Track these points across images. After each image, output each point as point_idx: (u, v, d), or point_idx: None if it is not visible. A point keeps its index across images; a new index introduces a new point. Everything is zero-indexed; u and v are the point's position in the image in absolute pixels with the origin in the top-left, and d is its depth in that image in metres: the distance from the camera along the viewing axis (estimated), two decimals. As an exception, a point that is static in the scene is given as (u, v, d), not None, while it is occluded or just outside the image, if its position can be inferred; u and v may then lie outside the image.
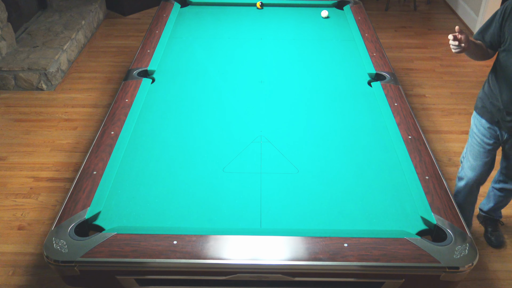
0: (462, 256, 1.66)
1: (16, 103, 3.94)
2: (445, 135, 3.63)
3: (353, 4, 3.77)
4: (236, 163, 2.16)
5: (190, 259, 1.66)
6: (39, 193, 3.05)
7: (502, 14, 2.17)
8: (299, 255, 1.68)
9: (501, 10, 2.19)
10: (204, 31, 3.38)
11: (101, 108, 3.89)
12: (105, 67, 4.51)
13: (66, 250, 1.67)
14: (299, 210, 1.92)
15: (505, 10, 2.16)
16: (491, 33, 2.23)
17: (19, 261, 2.61)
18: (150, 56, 2.96)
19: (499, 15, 2.19)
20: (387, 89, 2.65)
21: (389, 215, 1.89)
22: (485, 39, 2.27)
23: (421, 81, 4.34)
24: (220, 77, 2.86)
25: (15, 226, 2.83)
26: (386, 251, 1.68)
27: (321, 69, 2.95)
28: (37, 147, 3.45)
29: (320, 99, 2.65)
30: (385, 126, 2.39)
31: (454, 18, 5.63)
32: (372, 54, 3.04)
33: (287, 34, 3.38)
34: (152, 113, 2.50)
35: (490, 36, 2.24)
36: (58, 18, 4.86)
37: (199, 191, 2.00)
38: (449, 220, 1.81)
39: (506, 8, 2.16)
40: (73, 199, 1.90)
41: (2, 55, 4.12)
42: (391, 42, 5.04)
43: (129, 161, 2.15)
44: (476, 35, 2.33)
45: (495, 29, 2.21)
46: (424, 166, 2.09)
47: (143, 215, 1.88)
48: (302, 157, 2.20)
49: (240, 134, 2.35)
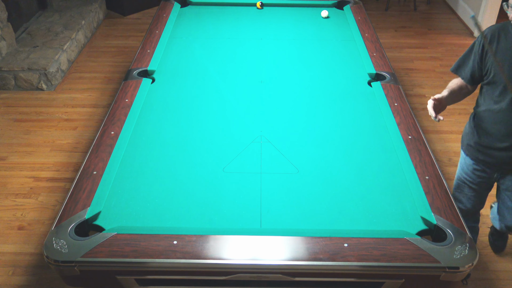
0: (462, 256, 1.66)
1: (16, 103, 3.94)
2: (445, 135, 3.63)
3: (353, 4, 3.77)
4: (236, 163, 2.16)
5: (190, 259, 1.66)
6: (39, 193, 3.05)
7: (480, 45, 1.97)
8: (299, 255, 1.68)
9: (479, 40, 1.99)
10: (204, 31, 3.38)
11: (101, 108, 3.89)
12: (105, 67, 4.50)
13: (66, 250, 1.67)
14: (299, 210, 1.92)
15: (485, 37, 1.97)
16: (471, 66, 2.03)
17: (19, 261, 2.61)
18: (150, 56, 2.96)
19: (477, 45, 1.99)
20: (387, 89, 2.65)
21: (389, 215, 1.89)
22: (464, 74, 2.08)
23: (421, 81, 4.34)
24: (220, 77, 2.86)
25: (15, 226, 2.82)
26: (386, 251, 1.68)
27: (321, 69, 2.95)
28: (37, 147, 3.45)
29: (320, 99, 2.65)
30: (385, 126, 2.39)
31: (454, 18, 5.63)
32: (372, 54, 3.04)
33: (287, 34, 3.38)
34: (152, 113, 2.50)
35: (471, 70, 2.04)
36: (58, 18, 4.86)
37: (199, 191, 2.00)
38: (449, 220, 1.81)
39: (488, 35, 1.96)
40: (73, 199, 1.90)
41: (2, 55, 4.12)
42: (391, 42, 5.04)
43: (129, 161, 2.15)
44: (454, 70, 2.14)
45: (475, 62, 2.01)
46: (424, 166, 2.09)
47: (143, 215, 1.88)
48: (302, 157, 2.20)
49: (240, 134, 2.35)
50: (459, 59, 2.11)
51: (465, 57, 2.08)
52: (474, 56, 2.02)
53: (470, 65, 2.04)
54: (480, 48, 1.98)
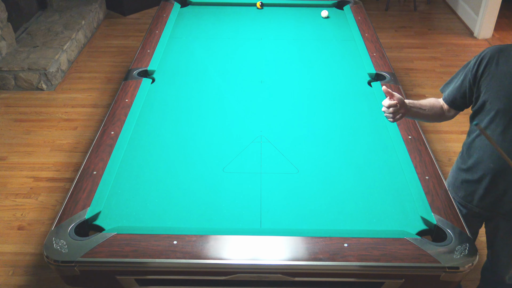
0: (462, 256, 1.66)
1: (16, 103, 3.94)
2: (445, 135, 3.63)
3: (353, 4, 3.77)
4: (236, 163, 2.16)
5: (190, 259, 1.66)
6: (39, 193, 3.05)
7: (476, 65, 1.75)
8: (299, 255, 1.68)
9: (475, 59, 1.76)
10: (204, 31, 3.38)
11: (101, 108, 3.89)
12: (105, 67, 4.50)
13: (66, 250, 1.67)
14: (299, 210, 1.92)
15: (481, 59, 1.73)
16: (457, 86, 1.82)
17: (19, 261, 2.61)
18: (150, 56, 2.96)
19: (473, 65, 1.76)
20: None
21: (389, 215, 1.89)
22: (449, 94, 1.87)
23: (421, 81, 4.34)
24: (220, 77, 2.85)
25: (15, 226, 2.82)
26: (386, 251, 1.68)
27: (321, 69, 2.95)
28: (37, 147, 3.45)
29: (320, 99, 2.65)
30: (385, 126, 2.39)
31: (454, 18, 5.63)
32: (372, 54, 3.04)
33: (287, 34, 3.38)
34: (152, 113, 2.50)
35: (454, 90, 1.84)
36: (58, 18, 4.86)
37: (199, 191, 2.00)
38: (449, 220, 1.81)
39: (483, 58, 1.73)
40: (73, 199, 1.90)
41: (2, 55, 4.12)
42: (391, 42, 5.04)
43: (129, 161, 2.15)
44: (442, 87, 1.94)
45: (466, 81, 1.79)
46: (424, 166, 2.09)
47: (143, 215, 1.88)
48: (302, 157, 2.20)
49: (240, 134, 2.35)
50: (450, 79, 1.93)
51: (456, 78, 1.88)
52: (464, 77, 1.80)
53: (457, 85, 1.84)
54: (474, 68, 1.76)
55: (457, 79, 1.85)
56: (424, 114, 1.89)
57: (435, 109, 1.90)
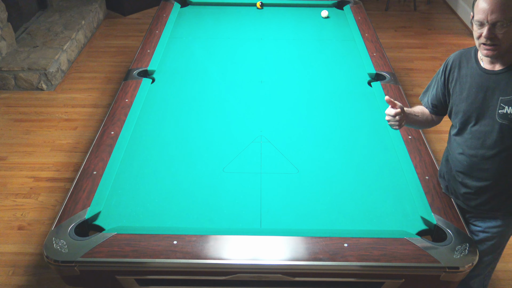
0: (462, 256, 1.66)
1: (16, 103, 3.93)
2: (445, 135, 3.61)
3: (353, 4, 3.77)
4: (236, 163, 2.16)
5: (190, 259, 1.66)
6: (39, 193, 3.05)
7: (443, 73, 1.81)
8: (299, 255, 1.68)
9: (442, 67, 1.82)
10: (204, 31, 3.38)
11: (101, 108, 3.89)
12: (105, 67, 4.50)
13: (66, 250, 1.67)
14: (299, 210, 1.92)
15: (446, 66, 1.80)
16: (434, 94, 1.87)
17: (19, 261, 2.61)
18: (150, 56, 2.96)
19: (440, 73, 1.82)
20: (387, 89, 2.65)
21: (389, 215, 1.89)
22: (429, 102, 1.91)
23: (421, 81, 4.34)
24: (220, 77, 2.86)
25: (15, 226, 2.82)
26: (386, 251, 1.68)
27: (321, 69, 2.95)
28: (37, 147, 3.45)
29: (320, 99, 2.65)
30: (385, 126, 2.39)
31: (454, 18, 5.62)
32: (372, 54, 3.04)
33: (287, 34, 3.38)
34: (152, 113, 2.50)
35: (432, 98, 1.88)
36: (58, 18, 4.86)
37: (199, 191, 2.00)
38: (449, 220, 1.81)
39: (447, 64, 1.80)
40: (73, 199, 1.90)
41: (2, 55, 4.12)
42: (391, 42, 5.03)
43: (129, 161, 2.15)
44: (421, 96, 1.99)
45: (439, 88, 1.84)
46: (424, 166, 2.09)
47: (143, 215, 1.88)
48: (302, 157, 2.20)
49: (240, 134, 2.35)
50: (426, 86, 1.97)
51: (429, 85, 1.93)
52: (436, 82, 1.86)
53: (432, 91, 1.89)
54: (442, 73, 1.82)
55: (431, 87, 1.91)
56: (418, 120, 1.93)
57: (426, 115, 1.95)
